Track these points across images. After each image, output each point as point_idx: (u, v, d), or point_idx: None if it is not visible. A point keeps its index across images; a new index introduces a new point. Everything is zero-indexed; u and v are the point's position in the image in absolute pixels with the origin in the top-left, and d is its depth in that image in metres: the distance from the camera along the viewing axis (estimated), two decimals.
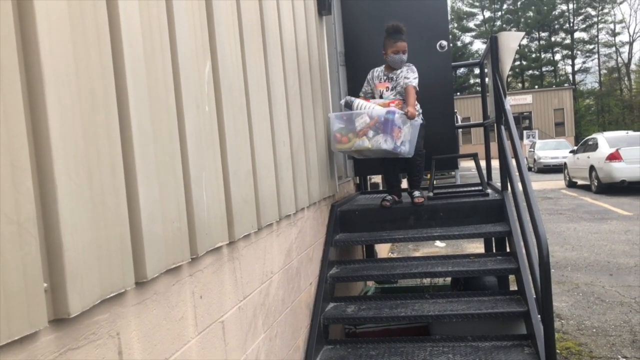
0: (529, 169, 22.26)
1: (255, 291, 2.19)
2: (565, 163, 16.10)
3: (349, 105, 3.43)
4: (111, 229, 1.25)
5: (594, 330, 4.31)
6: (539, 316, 2.72)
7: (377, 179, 6.51)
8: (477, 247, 7.15)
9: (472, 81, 47.49)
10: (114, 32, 1.32)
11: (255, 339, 2.16)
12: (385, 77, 3.60)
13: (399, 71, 3.55)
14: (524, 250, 3.03)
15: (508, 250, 3.55)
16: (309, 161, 3.08)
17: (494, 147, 4.39)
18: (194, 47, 1.73)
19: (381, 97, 3.57)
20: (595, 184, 13.22)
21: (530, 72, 49.77)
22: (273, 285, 2.41)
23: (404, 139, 3.27)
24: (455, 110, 8.46)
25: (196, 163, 1.69)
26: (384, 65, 3.66)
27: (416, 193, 3.60)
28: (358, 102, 3.42)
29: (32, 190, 1.03)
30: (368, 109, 3.33)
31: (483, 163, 4.52)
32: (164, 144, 1.52)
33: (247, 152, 2.13)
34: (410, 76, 3.50)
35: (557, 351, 3.78)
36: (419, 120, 3.47)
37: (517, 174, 3.14)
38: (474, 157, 4.43)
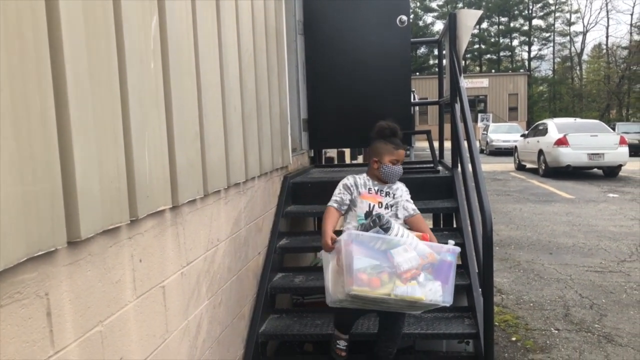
0: (481, 151, 22.89)
1: (200, 257, 2.15)
2: (515, 146, 16.62)
3: (376, 223, 2.26)
4: (40, 184, 1.18)
5: (531, 304, 4.51)
6: (480, 290, 2.81)
7: (332, 153, 6.51)
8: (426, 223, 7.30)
9: (431, 62, 48.03)
10: None
11: (199, 306, 2.13)
12: (377, 189, 2.59)
13: (395, 186, 2.65)
14: (469, 228, 3.11)
15: (455, 225, 3.64)
16: (262, 130, 3.03)
17: (448, 128, 4.41)
18: None
19: (370, 213, 2.51)
20: (543, 167, 13.75)
21: (489, 56, 50.76)
22: (219, 252, 2.37)
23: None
24: (413, 89, 8.53)
25: (138, 121, 1.61)
26: (365, 174, 2.67)
27: None
28: (396, 227, 2.30)
29: None
30: (411, 239, 2.28)
31: (436, 144, 4.59)
32: (103, 99, 1.44)
33: (194, 114, 2.06)
34: (411, 200, 2.68)
35: (496, 323, 3.95)
36: None
37: (468, 153, 3.20)
38: (427, 134, 4.49)
